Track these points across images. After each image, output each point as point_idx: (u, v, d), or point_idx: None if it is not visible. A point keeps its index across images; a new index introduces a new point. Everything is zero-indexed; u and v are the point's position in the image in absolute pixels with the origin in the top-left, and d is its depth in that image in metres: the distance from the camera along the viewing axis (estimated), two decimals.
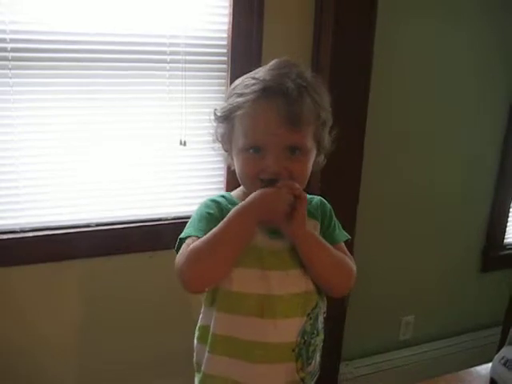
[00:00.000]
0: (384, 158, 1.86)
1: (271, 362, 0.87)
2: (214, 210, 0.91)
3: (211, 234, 0.83)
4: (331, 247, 0.92)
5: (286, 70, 0.87)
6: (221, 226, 0.84)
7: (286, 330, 0.87)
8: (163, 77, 1.46)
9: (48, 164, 1.41)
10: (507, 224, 2.27)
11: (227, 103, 0.90)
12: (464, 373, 1.07)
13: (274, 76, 0.86)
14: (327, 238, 0.93)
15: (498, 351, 1.05)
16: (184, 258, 0.84)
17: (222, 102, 0.95)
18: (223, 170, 1.57)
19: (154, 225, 1.54)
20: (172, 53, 1.44)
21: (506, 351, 1.02)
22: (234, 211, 0.85)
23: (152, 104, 1.47)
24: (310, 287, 0.90)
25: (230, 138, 0.92)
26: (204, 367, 0.91)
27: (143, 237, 1.53)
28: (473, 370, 1.08)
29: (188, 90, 1.48)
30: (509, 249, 2.31)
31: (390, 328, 2.13)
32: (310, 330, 0.90)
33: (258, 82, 0.86)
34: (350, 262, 0.94)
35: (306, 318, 0.89)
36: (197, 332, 0.95)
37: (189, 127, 1.50)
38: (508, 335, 1.05)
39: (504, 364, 0.99)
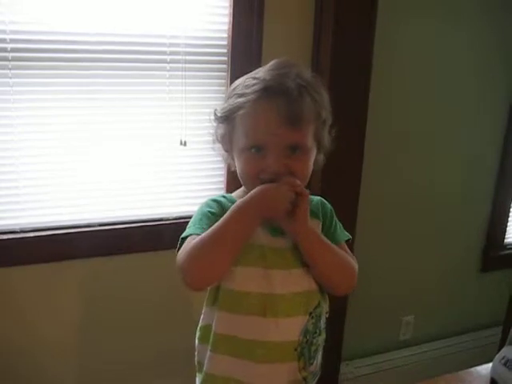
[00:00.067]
0: (384, 157, 1.86)
1: (273, 362, 0.87)
2: (216, 209, 0.91)
3: (212, 230, 0.83)
4: (333, 245, 0.92)
5: (285, 70, 0.87)
6: (221, 222, 0.84)
7: (288, 329, 0.87)
8: (163, 77, 1.46)
9: (48, 164, 1.41)
10: (507, 224, 2.27)
11: (227, 104, 0.90)
12: (464, 373, 1.07)
13: (274, 76, 0.86)
14: (328, 238, 0.93)
15: (498, 351, 1.04)
16: (185, 255, 0.84)
17: (222, 102, 0.95)
18: (223, 170, 1.57)
19: (155, 225, 1.54)
20: (172, 53, 1.44)
21: (507, 351, 1.01)
22: (234, 207, 0.85)
23: (152, 104, 1.47)
24: (313, 286, 0.91)
25: (230, 138, 0.92)
26: (206, 367, 0.91)
27: (144, 237, 1.53)
28: (473, 370, 1.07)
29: (188, 90, 1.48)
30: (509, 249, 2.31)
31: (391, 328, 2.13)
32: (312, 330, 0.90)
33: (258, 82, 0.86)
34: (352, 261, 0.95)
35: (308, 317, 0.89)
36: (198, 332, 0.95)
37: (189, 127, 1.50)
38: (508, 335, 1.05)
39: (504, 364, 0.99)
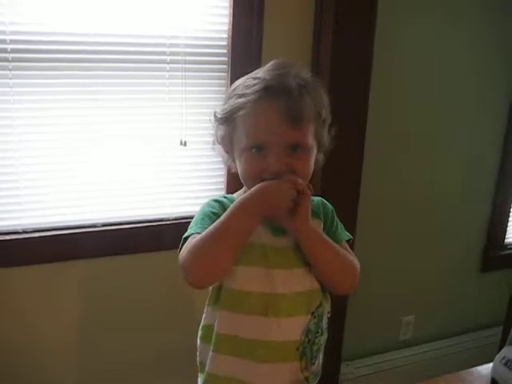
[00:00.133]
0: (384, 157, 1.86)
1: (275, 361, 0.87)
2: (217, 209, 0.91)
3: (213, 228, 0.84)
4: (335, 244, 0.92)
5: (285, 70, 0.87)
6: (222, 219, 0.84)
7: (290, 329, 0.87)
8: (163, 77, 1.46)
9: (48, 165, 1.41)
10: (508, 224, 2.27)
11: (227, 105, 0.90)
12: (465, 373, 1.07)
13: (275, 76, 0.86)
14: (330, 238, 0.92)
15: (498, 351, 1.04)
16: (187, 253, 0.84)
17: (222, 102, 0.95)
18: (224, 170, 1.57)
19: (156, 225, 1.54)
20: (172, 53, 1.44)
21: (507, 351, 1.01)
22: (235, 204, 0.85)
23: (152, 104, 1.47)
24: (315, 286, 0.91)
25: (231, 139, 0.92)
26: (208, 367, 0.92)
27: (145, 237, 1.53)
28: (473, 370, 1.07)
29: (188, 91, 1.48)
30: (509, 248, 2.31)
31: (391, 328, 2.13)
32: (314, 329, 0.90)
33: (259, 82, 0.86)
34: (354, 260, 0.94)
35: (310, 317, 0.89)
36: (200, 331, 0.95)
37: (189, 127, 1.50)
38: (509, 335, 1.05)
39: (505, 364, 0.99)
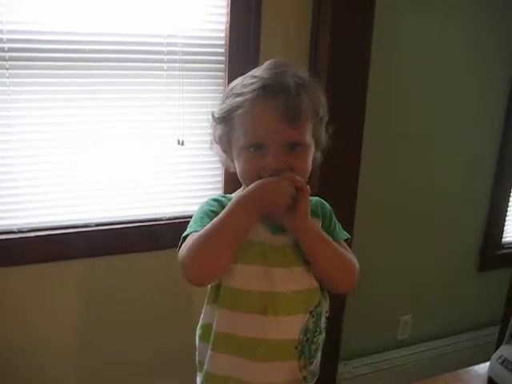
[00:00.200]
0: (382, 157, 1.86)
1: (273, 360, 0.87)
2: (216, 207, 0.91)
3: (211, 225, 0.84)
4: (334, 243, 0.92)
5: (282, 69, 0.87)
6: (220, 217, 0.84)
7: (288, 327, 0.88)
8: (161, 76, 1.45)
9: (46, 164, 1.41)
10: (505, 223, 2.27)
11: (225, 104, 0.90)
12: (462, 372, 1.07)
13: (272, 74, 0.86)
14: None
15: (495, 350, 1.05)
16: (186, 251, 0.84)
17: (219, 102, 0.95)
18: (221, 170, 1.57)
19: (153, 225, 1.54)
20: (169, 52, 1.44)
21: (504, 350, 1.01)
22: (233, 201, 0.85)
23: (150, 104, 1.47)
24: (314, 285, 0.91)
25: (229, 138, 0.92)
26: (206, 366, 0.92)
27: (142, 237, 1.53)
28: (471, 369, 1.07)
29: (186, 90, 1.48)
30: (507, 248, 2.31)
31: (388, 327, 2.14)
32: (312, 328, 0.90)
33: (256, 81, 0.86)
34: (353, 259, 0.94)
35: (308, 316, 0.89)
36: (198, 330, 0.95)
37: (187, 127, 1.50)
38: (506, 334, 1.05)
39: (501, 363, 0.99)
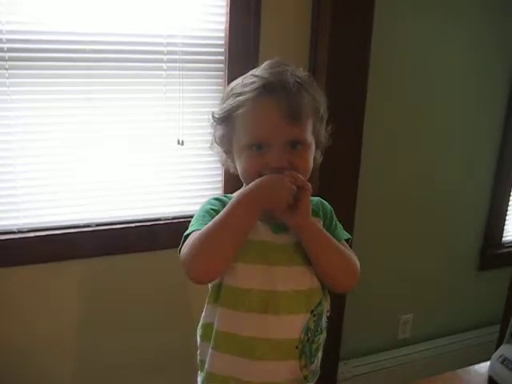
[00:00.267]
0: (382, 157, 1.86)
1: (274, 359, 0.87)
2: (218, 206, 0.91)
3: (212, 223, 0.84)
4: (336, 241, 0.91)
5: (282, 68, 0.88)
6: (222, 214, 0.84)
7: (289, 326, 0.88)
8: (160, 76, 1.45)
9: (46, 164, 1.41)
10: (505, 222, 2.27)
11: (226, 104, 0.90)
12: (462, 371, 1.07)
13: (272, 73, 0.87)
14: None
15: (496, 349, 1.05)
16: (188, 249, 0.84)
17: (219, 102, 0.95)
18: (221, 170, 1.57)
19: (153, 225, 1.54)
20: (169, 52, 1.44)
21: (504, 349, 1.01)
22: (234, 198, 0.85)
23: (149, 104, 1.46)
24: (315, 284, 0.91)
25: (230, 138, 0.92)
26: (207, 365, 0.92)
27: (141, 237, 1.53)
28: (471, 368, 1.07)
29: (185, 90, 1.47)
30: (507, 247, 2.31)
31: (389, 327, 2.13)
32: (313, 328, 0.90)
33: (257, 80, 0.86)
34: (354, 258, 0.94)
35: (309, 315, 0.89)
36: (199, 330, 0.95)
37: (186, 126, 1.50)
38: (506, 333, 1.05)
39: (502, 362, 0.99)
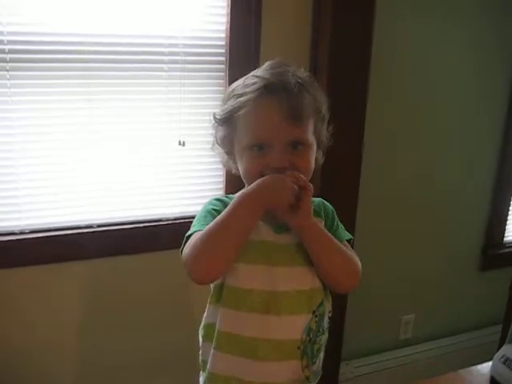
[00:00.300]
0: (383, 157, 1.86)
1: (276, 360, 0.87)
2: (220, 207, 0.91)
3: (214, 222, 0.84)
4: (337, 241, 0.91)
5: (283, 69, 0.88)
6: (223, 214, 0.84)
7: (291, 327, 0.88)
8: (161, 77, 1.45)
9: (47, 165, 1.41)
10: (506, 222, 2.27)
11: (227, 105, 0.90)
12: (464, 371, 1.07)
13: (274, 74, 0.87)
14: None
15: (498, 350, 1.04)
16: (190, 250, 0.84)
17: (220, 103, 0.95)
18: (222, 170, 1.57)
19: (154, 225, 1.54)
20: (170, 53, 1.44)
21: (506, 350, 1.01)
22: (237, 197, 0.85)
23: (151, 105, 1.47)
24: (316, 284, 0.91)
25: (231, 139, 0.92)
26: (209, 365, 0.92)
27: (143, 238, 1.53)
28: (473, 368, 1.07)
29: (186, 91, 1.48)
30: (508, 247, 2.31)
31: (390, 327, 2.13)
32: (315, 328, 0.90)
33: (258, 81, 0.86)
34: (356, 258, 0.94)
35: (311, 316, 0.89)
36: (201, 330, 0.95)
37: (187, 127, 1.50)
38: (508, 334, 1.05)
39: (504, 362, 0.99)
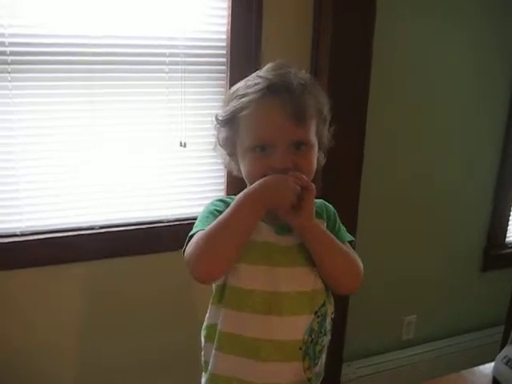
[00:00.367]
0: (384, 158, 1.86)
1: (278, 361, 0.87)
2: (222, 207, 0.91)
3: (216, 222, 0.84)
4: (339, 242, 0.91)
5: (285, 70, 0.88)
6: (225, 213, 0.84)
7: (293, 328, 0.87)
8: (163, 78, 1.46)
9: (48, 167, 1.41)
10: (508, 223, 2.26)
11: (229, 106, 0.90)
12: (467, 372, 1.06)
13: (276, 75, 0.87)
14: None
15: (500, 350, 1.04)
16: (192, 249, 0.85)
17: (222, 104, 0.95)
18: (224, 172, 1.57)
19: (156, 227, 1.54)
20: (171, 55, 1.44)
21: (508, 350, 1.01)
22: (238, 197, 0.85)
23: (152, 106, 1.47)
24: (318, 285, 0.90)
25: (233, 140, 0.91)
26: (211, 366, 0.92)
27: (144, 239, 1.53)
28: (475, 369, 1.07)
29: (187, 92, 1.48)
30: (510, 248, 2.30)
31: (392, 328, 2.13)
32: (317, 329, 0.89)
33: (261, 82, 0.86)
34: (358, 259, 0.94)
35: (313, 316, 0.89)
36: (203, 331, 0.95)
37: (189, 128, 1.50)
38: (510, 334, 1.05)
39: (506, 363, 0.99)
